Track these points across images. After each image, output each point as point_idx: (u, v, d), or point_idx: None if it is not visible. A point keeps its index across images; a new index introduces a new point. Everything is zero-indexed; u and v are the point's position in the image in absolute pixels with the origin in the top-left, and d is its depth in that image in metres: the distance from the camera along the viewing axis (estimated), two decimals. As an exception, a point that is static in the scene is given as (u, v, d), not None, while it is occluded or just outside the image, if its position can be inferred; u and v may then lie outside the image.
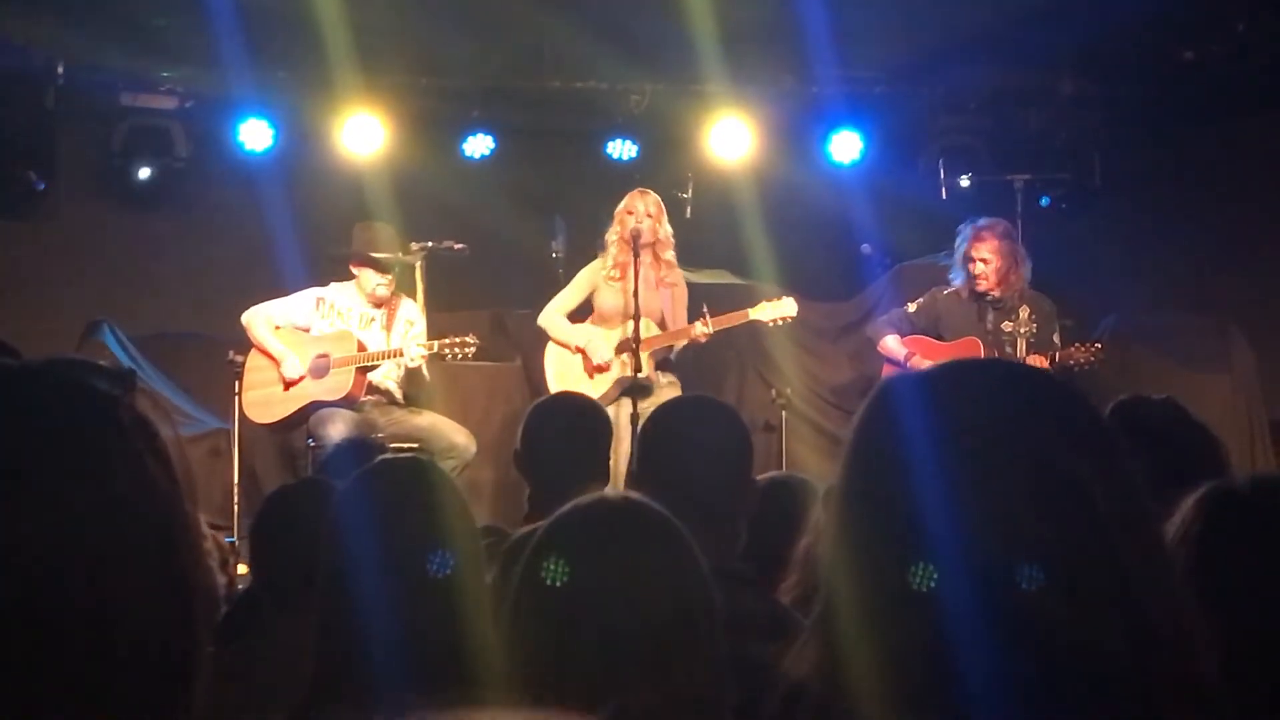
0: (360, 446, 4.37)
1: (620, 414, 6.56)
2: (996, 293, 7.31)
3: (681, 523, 1.87)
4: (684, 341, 7.09)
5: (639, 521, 1.84)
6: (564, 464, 3.79)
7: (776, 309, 7.08)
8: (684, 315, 7.18)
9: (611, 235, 7.26)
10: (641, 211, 7.16)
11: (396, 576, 2.26)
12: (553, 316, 7.35)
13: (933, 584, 1.14)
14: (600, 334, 7.26)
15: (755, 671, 2.29)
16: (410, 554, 2.26)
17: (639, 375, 6.75)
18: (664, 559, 1.80)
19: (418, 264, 7.58)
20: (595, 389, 7.04)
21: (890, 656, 1.17)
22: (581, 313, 7.40)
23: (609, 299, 7.24)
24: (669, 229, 7.28)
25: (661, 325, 7.17)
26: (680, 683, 1.73)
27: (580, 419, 4.08)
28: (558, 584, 1.71)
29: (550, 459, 3.82)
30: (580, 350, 7.26)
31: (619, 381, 7.09)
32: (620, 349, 7.13)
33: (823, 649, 1.24)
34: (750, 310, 7.09)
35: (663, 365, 7.13)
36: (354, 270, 7.21)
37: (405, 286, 7.48)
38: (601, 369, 7.18)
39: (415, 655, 2.18)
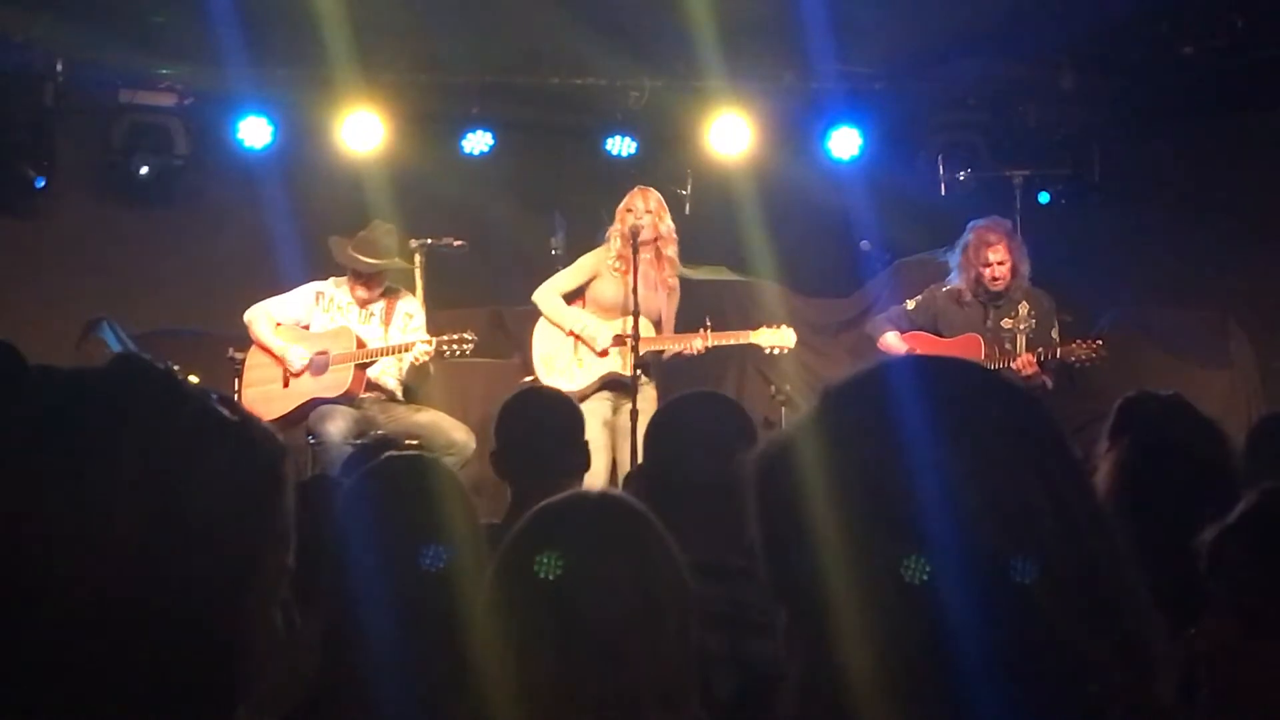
0: (375, 447, 4.36)
1: (599, 408, 6.72)
2: (1004, 288, 7.31)
3: (686, 517, 1.88)
4: (678, 348, 7.11)
5: (613, 517, 1.88)
6: (544, 460, 3.77)
7: (776, 337, 7.11)
8: (673, 320, 7.24)
9: (613, 231, 7.26)
10: (641, 209, 7.16)
11: (397, 573, 2.26)
12: (550, 295, 7.32)
13: (927, 575, 1.15)
14: (596, 322, 7.25)
15: (751, 666, 2.30)
16: (410, 551, 2.26)
17: (636, 372, 6.76)
18: (636, 554, 1.83)
19: (417, 262, 7.58)
20: (582, 378, 7.07)
21: (881, 647, 1.18)
22: (572, 298, 7.39)
23: (610, 290, 7.23)
24: (671, 225, 7.28)
25: (657, 325, 7.18)
26: (644, 674, 1.75)
27: (552, 413, 4.07)
28: (537, 576, 1.75)
29: (529, 457, 3.80)
30: (574, 334, 7.25)
31: (605, 376, 7.11)
32: (614, 342, 7.15)
33: (812, 641, 1.24)
34: (751, 334, 7.13)
35: (642, 367, 7.09)
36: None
37: (405, 283, 7.49)
38: (602, 355, 7.18)
39: (415, 652, 2.18)
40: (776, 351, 7.18)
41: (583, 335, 7.20)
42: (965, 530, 1.14)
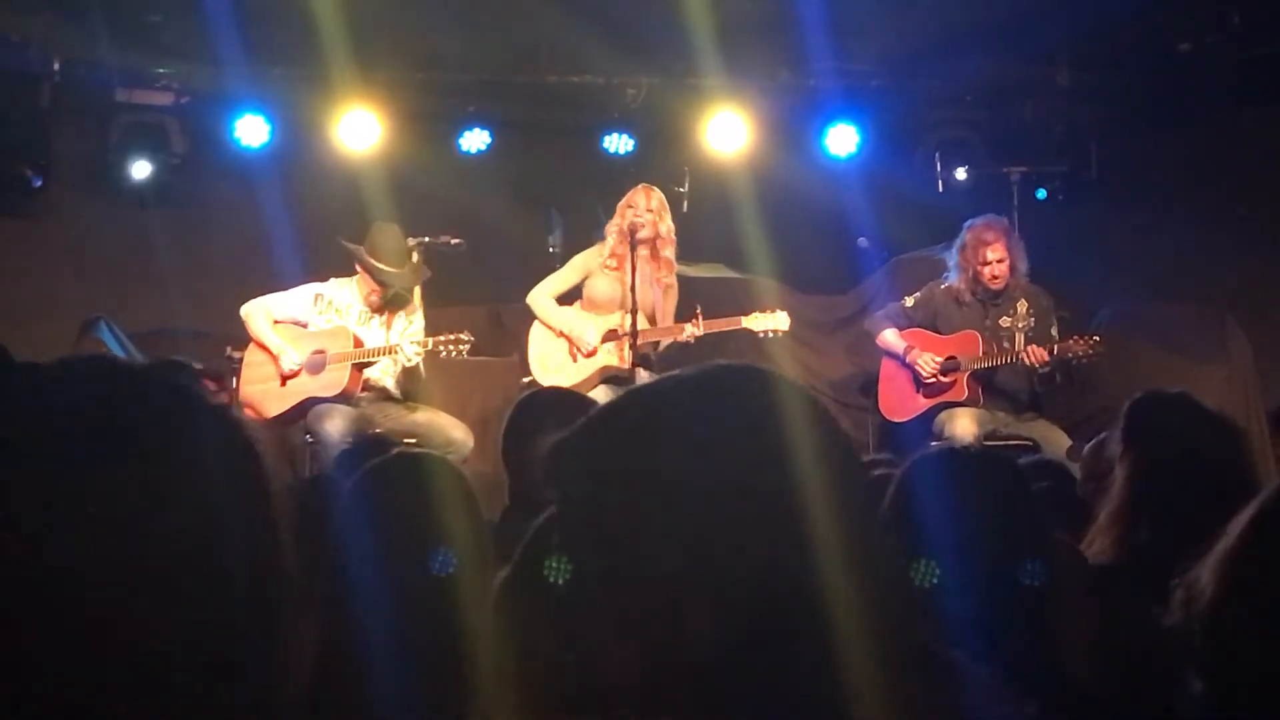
0: (370, 444, 4.37)
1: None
2: (1003, 286, 7.31)
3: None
4: (671, 339, 7.11)
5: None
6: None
7: (769, 321, 7.10)
8: (671, 317, 7.24)
9: (612, 227, 7.28)
10: (642, 206, 7.19)
11: (399, 574, 2.25)
12: (542, 298, 7.38)
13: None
14: (587, 320, 7.27)
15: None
16: (413, 551, 2.24)
17: (634, 368, 6.76)
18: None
19: (414, 260, 7.57)
20: (576, 374, 7.10)
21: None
22: (569, 297, 7.41)
23: (604, 287, 7.27)
24: (671, 226, 7.31)
25: (651, 321, 7.19)
26: None
27: (569, 417, 4.11)
28: None
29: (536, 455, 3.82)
30: (564, 335, 7.27)
31: (601, 370, 7.12)
32: (606, 338, 7.17)
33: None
34: (743, 319, 7.13)
35: (642, 362, 7.10)
36: (357, 267, 7.22)
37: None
38: (590, 355, 7.20)
39: (416, 654, 2.17)
40: (771, 335, 7.14)
41: (570, 335, 7.22)
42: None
